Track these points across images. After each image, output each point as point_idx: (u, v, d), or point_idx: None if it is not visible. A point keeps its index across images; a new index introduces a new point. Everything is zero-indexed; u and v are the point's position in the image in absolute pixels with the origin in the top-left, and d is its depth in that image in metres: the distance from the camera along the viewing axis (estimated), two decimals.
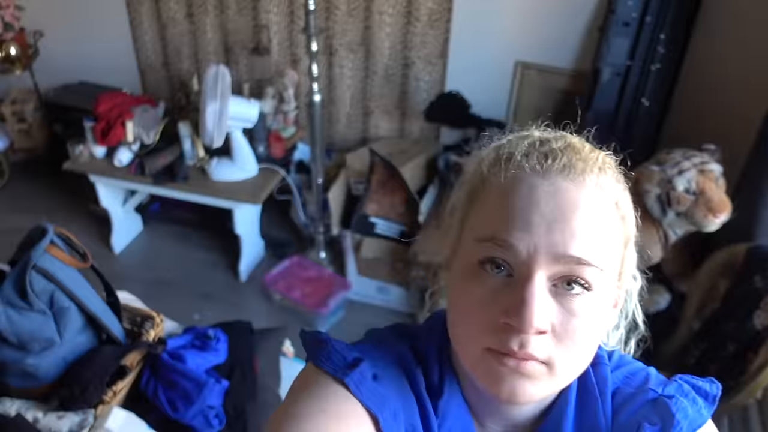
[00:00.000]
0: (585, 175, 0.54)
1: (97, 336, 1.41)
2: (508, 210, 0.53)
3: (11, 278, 1.24)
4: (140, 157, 2.55)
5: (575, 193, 0.53)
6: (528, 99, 2.64)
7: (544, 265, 0.51)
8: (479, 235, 0.55)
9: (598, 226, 0.53)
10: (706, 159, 1.78)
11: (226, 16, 2.84)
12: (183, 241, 2.97)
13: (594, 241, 0.52)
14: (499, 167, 0.56)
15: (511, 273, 0.53)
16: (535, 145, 0.57)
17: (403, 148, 2.75)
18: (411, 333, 0.68)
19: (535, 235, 0.51)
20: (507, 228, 0.52)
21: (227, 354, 1.51)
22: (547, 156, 0.55)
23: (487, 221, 0.55)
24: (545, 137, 0.59)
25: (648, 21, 2.23)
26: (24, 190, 3.19)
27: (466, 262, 0.56)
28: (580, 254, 0.51)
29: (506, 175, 0.55)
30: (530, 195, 0.53)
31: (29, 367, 1.28)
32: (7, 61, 2.93)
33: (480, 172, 0.59)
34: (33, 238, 1.31)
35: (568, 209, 0.52)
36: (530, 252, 0.51)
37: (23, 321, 1.25)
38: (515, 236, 0.52)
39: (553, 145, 0.56)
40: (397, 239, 2.54)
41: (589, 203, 0.53)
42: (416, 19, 2.60)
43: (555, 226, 0.52)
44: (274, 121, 2.76)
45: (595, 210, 0.53)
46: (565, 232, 0.51)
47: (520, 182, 0.54)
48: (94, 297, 1.37)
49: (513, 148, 0.57)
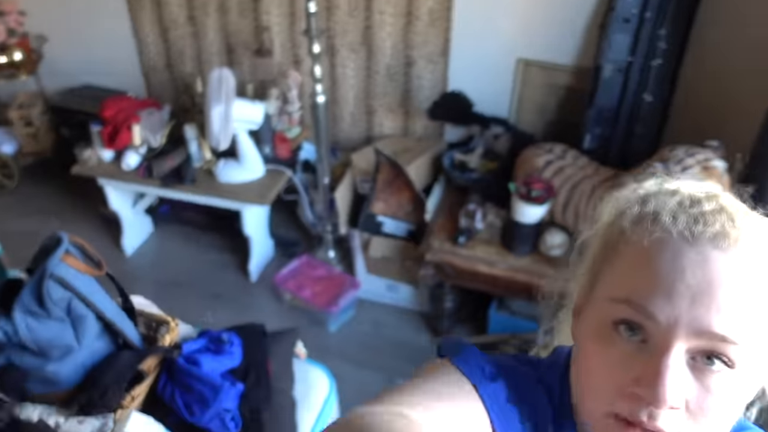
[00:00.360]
0: (738, 244, 0.50)
1: (114, 341, 1.44)
2: (650, 275, 0.50)
3: (29, 288, 1.27)
4: (148, 160, 2.58)
5: (725, 263, 0.49)
6: (530, 95, 2.66)
7: (684, 337, 0.48)
8: (615, 296, 0.52)
9: (748, 301, 0.49)
10: (709, 155, 1.81)
11: (227, 18, 2.86)
12: (193, 242, 3.00)
13: (741, 317, 0.48)
14: (642, 227, 0.53)
15: (646, 339, 0.50)
16: (685, 205, 0.53)
17: (407, 146, 2.78)
18: (536, 365, 0.66)
19: (678, 306, 0.48)
20: (647, 295, 0.50)
21: (242, 357, 1.54)
22: (697, 220, 0.51)
23: (625, 282, 0.52)
24: (696, 197, 0.54)
25: (648, 17, 2.24)
26: (33, 193, 3.23)
27: (598, 319, 0.54)
28: (725, 332, 0.48)
29: (650, 238, 0.51)
30: (675, 262, 0.49)
31: (49, 374, 1.31)
32: (12, 66, 2.96)
33: (620, 226, 0.55)
34: (48, 247, 1.33)
35: (715, 281, 0.48)
36: (670, 323, 0.48)
37: (42, 329, 1.29)
38: (656, 305, 0.49)
39: (704, 208, 0.52)
40: (407, 239, 2.56)
41: (740, 275, 0.49)
42: (417, 18, 2.61)
43: (700, 299, 0.48)
44: (278, 122, 2.79)
45: (746, 283, 0.49)
46: (711, 306, 0.48)
47: (665, 246, 0.50)
48: (110, 303, 1.40)
49: (659, 205, 0.54)
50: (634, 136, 2.43)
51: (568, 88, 2.58)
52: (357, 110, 2.94)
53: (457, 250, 2.29)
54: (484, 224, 2.35)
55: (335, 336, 2.58)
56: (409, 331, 2.61)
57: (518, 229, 2.21)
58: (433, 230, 2.40)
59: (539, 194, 2.11)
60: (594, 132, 2.45)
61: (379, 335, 2.60)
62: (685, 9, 2.21)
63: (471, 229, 2.33)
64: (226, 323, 2.52)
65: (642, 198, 0.56)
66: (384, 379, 2.37)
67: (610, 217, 0.58)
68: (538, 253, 2.26)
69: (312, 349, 2.01)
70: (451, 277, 2.33)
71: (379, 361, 2.45)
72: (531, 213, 2.15)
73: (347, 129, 3.01)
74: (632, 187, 0.59)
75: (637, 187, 0.58)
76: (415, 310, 2.67)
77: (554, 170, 2.21)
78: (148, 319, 1.53)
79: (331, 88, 2.88)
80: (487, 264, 2.26)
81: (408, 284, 2.60)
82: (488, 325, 2.49)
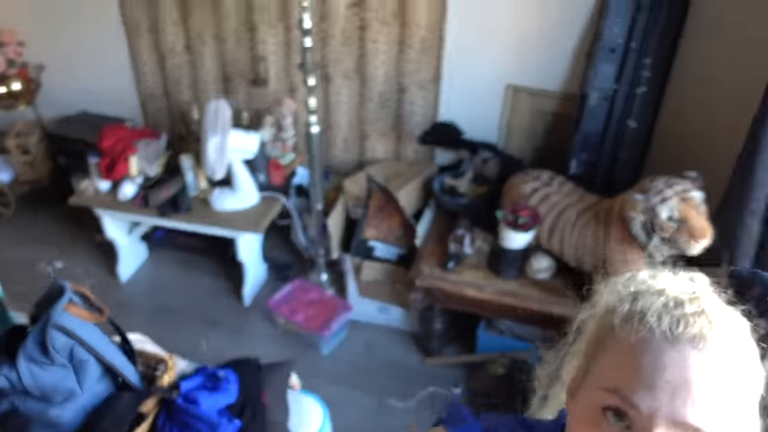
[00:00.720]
0: (714, 346, 0.57)
1: (114, 381, 1.50)
2: (636, 370, 0.57)
3: (33, 337, 1.32)
4: (144, 190, 2.63)
5: (701, 362, 0.56)
6: (519, 121, 2.72)
7: (664, 426, 0.55)
8: (605, 386, 0.60)
9: (720, 396, 0.56)
10: (687, 186, 1.87)
11: (224, 47, 2.91)
12: (188, 267, 3.05)
13: (715, 410, 0.55)
14: (630, 324, 0.60)
15: (630, 426, 0.57)
16: (669, 306, 0.60)
17: (399, 170, 2.84)
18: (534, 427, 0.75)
19: (659, 399, 0.55)
20: (632, 387, 0.57)
21: (238, 393, 1.59)
22: (679, 322, 0.58)
23: (614, 374, 0.60)
24: (680, 299, 0.61)
25: (633, 46, 2.31)
26: (30, 221, 3.27)
27: (589, 404, 0.61)
28: (700, 423, 0.55)
29: (637, 336, 0.59)
30: (657, 360, 0.57)
31: (52, 418, 1.36)
32: (11, 97, 3.01)
33: (611, 322, 0.63)
34: (51, 295, 1.39)
35: (692, 379, 0.55)
36: (652, 413, 0.55)
37: (45, 375, 1.34)
38: (639, 397, 0.56)
39: (686, 310, 0.59)
40: (398, 263, 2.62)
41: (714, 373, 0.56)
42: (409, 47, 2.67)
43: (678, 393, 0.55)
44: (273, 149, 2.84)
45: (719, 379, 0.56)
46: (687, 400, 0.55)
47: (649, 345, 0.58)
48: (111, 347, 1.45)
49: (646, 305, 0.61)
50: (618, 162, 2.50)
51: (556, 114, 2.65)
52: (350, 135, 3.00)
53: (446, 275, 2.35)
54: (472, 249, 2.40)
55: (328, 358, 2.63)
56: (401, 351, 2.66)
57: (505, 255, 2.27)
58: (423, 255, 2.45)
59: (525, 221, 2.17)
60: (580, 157, 2.52)
61: (371, 356, 2.65)
62: (668, 39, 2.28)
63: (460, 254, 2.39)
64: (221, 349, 2.59)
65: (633, 295, 0.64)
66: (377, 400, 2.42)
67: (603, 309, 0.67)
68: (525, 277, 2.32)
69: (305, 372, 2.07)
70: (441, 301, 2.38)
71: (372, 382, 2.51)
72: (518, 239, 2.21)
73: (340, 153, 3.07)
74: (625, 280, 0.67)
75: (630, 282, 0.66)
76: (406, 331, 2.72)
77: (540, 197, 2.27)
78: (147, 359, 1.59)
79: (325, 113, 2.94)
80: (475, 288, 2.32)
81: (399, 306, 2.65)
82: (477, 344, 2.55)
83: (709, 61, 2.28)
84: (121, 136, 2.69)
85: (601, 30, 2.32)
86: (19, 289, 2.17)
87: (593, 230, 2.11)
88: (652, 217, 1.87)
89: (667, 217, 1.84)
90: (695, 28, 2.26)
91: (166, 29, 2.95)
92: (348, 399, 2.39)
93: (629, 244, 2.00)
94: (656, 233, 1.88)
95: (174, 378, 1.58)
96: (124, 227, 2.90)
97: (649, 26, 2.26)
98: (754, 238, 1.69)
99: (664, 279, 0.65)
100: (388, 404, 2.41)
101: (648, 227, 1.89)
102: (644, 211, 1.88)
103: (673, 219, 1.84)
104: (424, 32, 2.62)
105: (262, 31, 2.81)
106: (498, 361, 2.45)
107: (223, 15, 2.84)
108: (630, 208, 1.92)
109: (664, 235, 1.86)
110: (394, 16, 2.62)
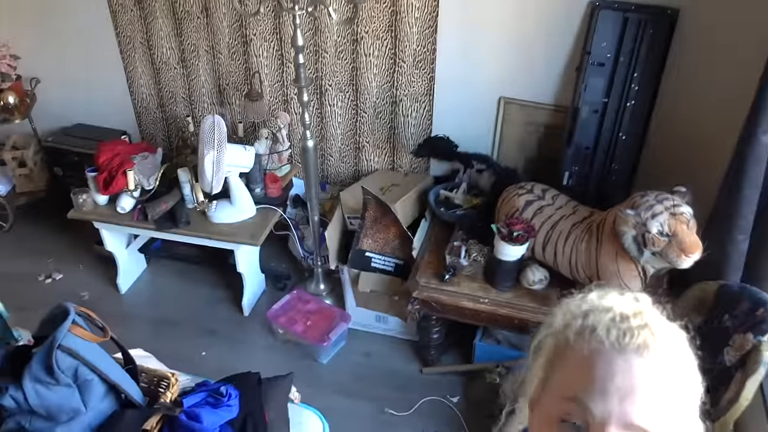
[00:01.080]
0: (656, 353, 0.65)
1: (118, 398, 1.52)
2: (589, 378, 0.65)
3: (38, 357, 1.35)
4: (142, 204, 2.65)
5: (646, 369, 0.64)
6: (511, 133, 2.76)
7: (615, 428, 0.62)
8: (563, 394, 0.67)
9: (664, 398, 0.64)
10: (677, 201, 1.91)
11: (218, 60, 2.94)
12: (186, 277, 3.07)
13: (659, 411, 0.63)
14: (583, 338, 0.68)
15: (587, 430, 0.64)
16: (616, 321, 0.67)
17: (395, 181, 2.87)
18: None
19: (610, 403, 0.63)
20: (587, 394, 0.64)
21: (239, 409, 1.62)
22: (625, 333, 0.66)
23: (571, 383, 0.67)
24: (625, 314, 0.68)
25: (621, 61, 2.35)
26: (29, 233, 3.29)
27: (549, 413, 0.69)
28: (646, 425, 0.62)
29: (589, 347, 0.66)
30: (607, 368, 0.64)
31: None
32: (6, 110, 3.01)
33: (566, 337, 0.70)
34: (56, 316, 1.41)
35: (638, 384, 0.63)
36: (605, 417, 0.63)
37: (51, 395, 1.37)
38: (594, 402, 0.63)
39: (632, 323, 0.67)
40: (395, 274, 2.65)
41: (657, 378, 0.64)
42: (402, 61, 2.71)
43: (626, 397, 0.63)
44: (269, 161, 2.87)
45: (663, 383, 0.64)
46: (634, 404, 0.62)
47: (600, 355, 0.65)
48: (114, 366, 1.48)
49: (596, 320, 0.68)
50: (610, 173, 2.55)
51: (548, 126, 2.69)
52: (345, 146, 3.04)
53: (442, 286, 2.38)
54: (468, 260, 2.44)
55: (327, 368, 2.66)
56: (400, 359, 2.70)
57: (501, 266, 2.31)
58: (419, 267, 2.49)
59: (520, 234, 2.21)
60: (573, 170, 2.56)
61: (370, 365, 2.68)
62: (655, 53, 2.33)
63: (456, 266, 2.42)
64: (220, 360, 2.61)
65: (584, 313, 0.71)
66: (376, 409, 2.46)
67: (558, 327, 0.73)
68: (520, 288, 2.36)
69: (304, 381, 2.10)
70: (438, 311, 2.42)
71: (371, 391, 2.54)
72: (513, 252, 2.25)
73: (336, 164, 3.10)
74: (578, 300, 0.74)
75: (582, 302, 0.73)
76: (404, 339, 2.76)
77: (534, 210, 2.31)
78: (150, 376, 1.61)
79: (320, 125, 2.98)
80: (471, 299, 2.35)
81: (396, 317, 2.69)
82: (474, 353, 2.59)
83: (697, 77, 2.34)
84: (118, 151, 2.71)
85: (589, 44, 2.36)
86: (20, 302, 2.19)
87: (586, 243, 2.15)
88: (643, 232, 1.91)
89: (657, 232, 1.88)
90: (682, 48, 2.31)
91: (161, 43, 2.98)
92: (347, 408, 2.42)
93: (621, 257, 2.04)
94: (647, 248, 1.92)
95: (176, 394, 1.61)
96: (123, 240, 2.92)
97: (636, 43, 2.31)
98: (743, 253, 1.73)
99: (612, 298, 0.72)
100: (387, 413, 2.44)
101: (639, 242, 1.94)
102: (635, 226, 1.93)
103: (664, 234, 1.88)
104: (416, 45, 2.66)
105: (256, 44, 2.84)
106: (495, 371, 2.49)
107: (216, 29, 2.86)
108: (621, 223, 1.96)
109: (655, 249, 1.91)
110: (386, 30, 2.65)
